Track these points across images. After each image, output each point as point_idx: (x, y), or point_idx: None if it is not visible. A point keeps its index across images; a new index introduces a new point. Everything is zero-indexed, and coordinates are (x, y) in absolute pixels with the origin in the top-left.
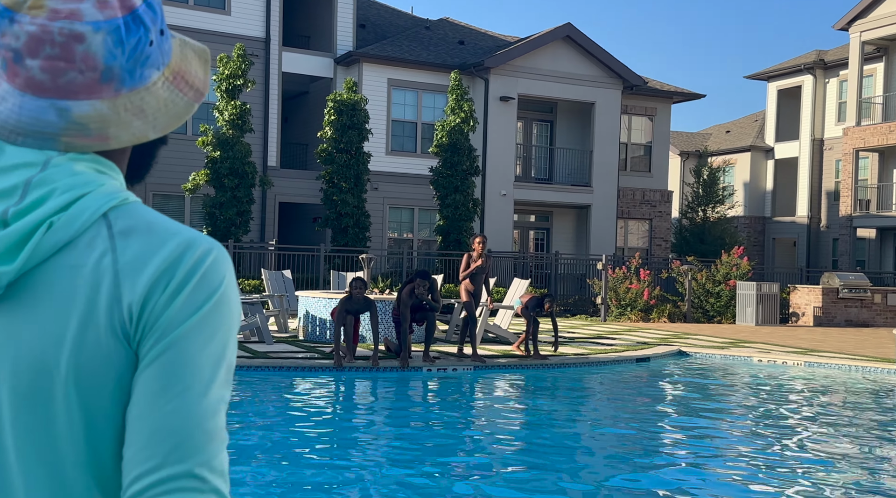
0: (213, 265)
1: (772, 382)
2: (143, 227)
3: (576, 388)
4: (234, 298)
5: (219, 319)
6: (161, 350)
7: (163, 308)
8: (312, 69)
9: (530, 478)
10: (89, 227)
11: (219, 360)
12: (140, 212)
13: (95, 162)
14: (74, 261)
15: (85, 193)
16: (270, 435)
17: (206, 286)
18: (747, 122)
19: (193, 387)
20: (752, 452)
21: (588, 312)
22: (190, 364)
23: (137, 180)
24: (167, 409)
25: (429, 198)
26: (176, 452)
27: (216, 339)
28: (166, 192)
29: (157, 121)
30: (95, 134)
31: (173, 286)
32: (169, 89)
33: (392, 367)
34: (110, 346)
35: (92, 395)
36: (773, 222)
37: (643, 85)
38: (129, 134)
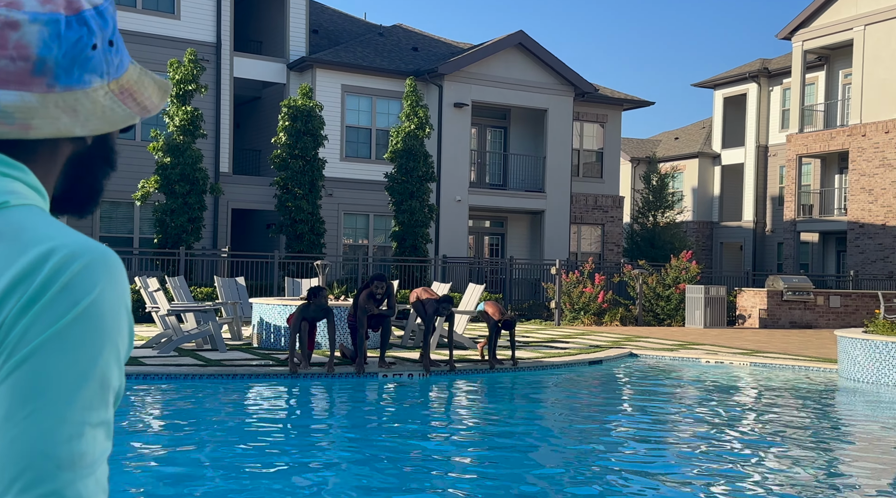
0: (80, 274)
1: (719, 382)
2: (10, 234)
3: (530, 391)
4: (109, 311)
5: (82, 335)
6: (10, 369)
7: (13, 321)
8: (265, 75)
9: (486, 481)
10: None
11: (81, 379)
12: (17, 217)
13: (1, 164)
14: None
15: None
16: (225, 443)
17: (67, 297)
18: (695, 129)
19: (43, 409)
20: (700, 450)
21: (542, 317)
22: (41, 384)
23: (81, 211)
24: (12, 434)
25: (384, 204)
26: (19, 481)
27: (77, 356)
28: (114, 198)
29: (89, 122)
30: (17, 122)
31: (27, 298)
32: (112, 100)
33: (348, 373)
34: None
35: None
36: (720, 227)
37: (594, 92)
38: (54, 127)
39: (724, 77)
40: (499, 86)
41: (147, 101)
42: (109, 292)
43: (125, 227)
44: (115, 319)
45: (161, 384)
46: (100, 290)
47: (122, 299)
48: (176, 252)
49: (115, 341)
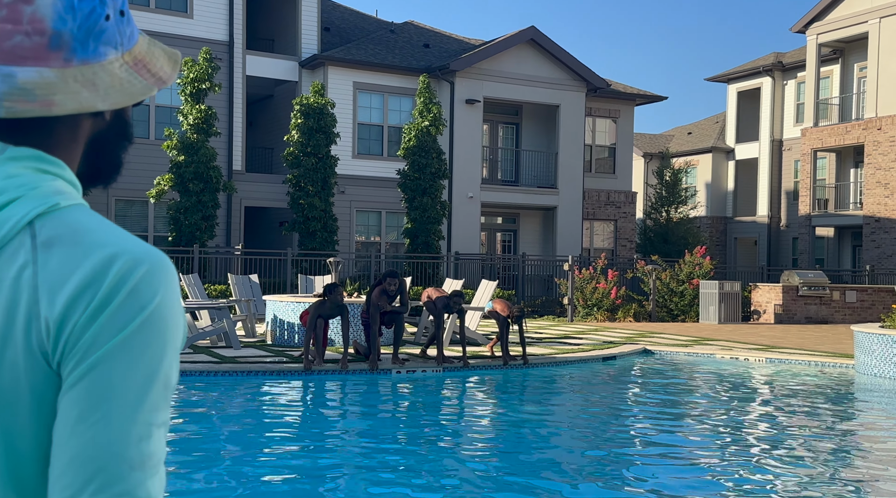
0: (143, 279)
1: (734, 378)
2: (69, 237)
3: (544, 387)
4: (170, 315)
5: (147, 339)
6: (82, 373)
7: (83, 328)
8: (277, 72)
9: (499, 476)
10: (13, 237)
11: (148, 382)
12: (70, 219)
13: (37, 160)
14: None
15: (13, 199)
16: (240, 440)
17: (133, 303)
18: (708, 124)
19: (115, 412)
20: (716, 447)
21: (555, 313)
22: (112, 388)
23: (103, 183)
24: (86, 436)
25: (396, 201)
26: (94, 482)
27: (144, 360)
28: (129, 197)
29: (109, 95)
30: (39, 99)
31: (95, 304)
32: (127, 71)
33: (361, 369)
34: (29, 365)
35: (12, 417)
36: (734, 222)
37: (606, 87)
38: (76, 102)
39: (737, 71)
40: (511, 82)
41: (160, 71)
42: (169, 296)
43: (140, 225)
44: (175, 321)
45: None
46: (161, 294)
47: (178, 301)
48: (190, 250)
49: (175, 342)
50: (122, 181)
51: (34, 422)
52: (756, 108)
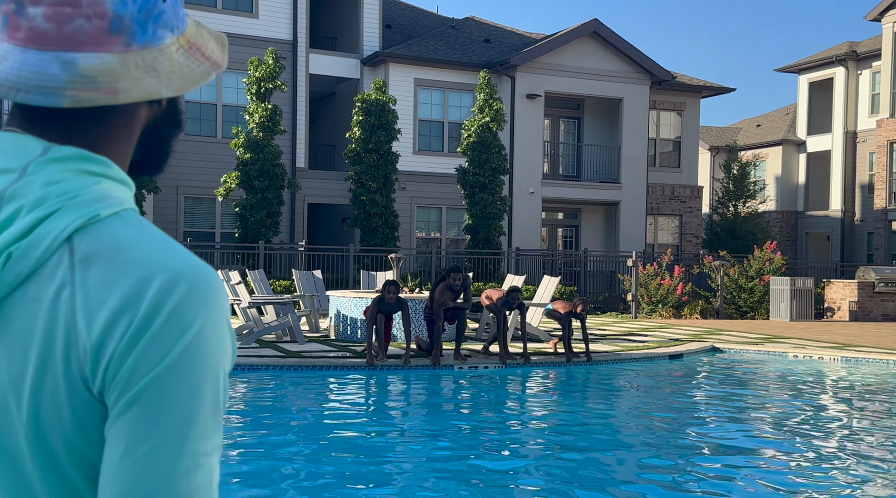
0: (183, 300)
1: (808, 377)
2: (107, 254)
3: (608, 385)
4: (214, 337)
5: (191, 365)
6: (125, 406)
7: (123, 356)
8: (339, 70)
9: (563, 474)
10: (52, 254)
11: (194, 411)
12: (110, 232)
13: (82, 160)
14: (34, 294)
15: (52, 211)
16: (304, 433)
17: (174, 328)
18: (778, 116)
19: (161, 446)
20: (790, 450)
21: (618, 310)
22: (156, 420)
23: (152, 173)
24: (133, 472)
25: (456, 197)
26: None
27: (189, 388)
28: (197, 194)
29: (171, 81)
30: (104, 86)
31: (133, 330)
32: (184, 55)
33: (423, 365)
34: (70, 390)
35: (55, 440)
36: (805, 217)
37: (671, 80)
38: (141, 89)
39: (809, 61)
40: (572, 75)
41: (213, 54)
42: (212, 316)
43: (207, 222)
44: (220, 342)
45: (243, 375)
46: (203, 315)
47: (224, 320)
48: (256, 246)
49: (222, 364)
50: (191, 179)
51: (79, 448)
52: (828, 98)
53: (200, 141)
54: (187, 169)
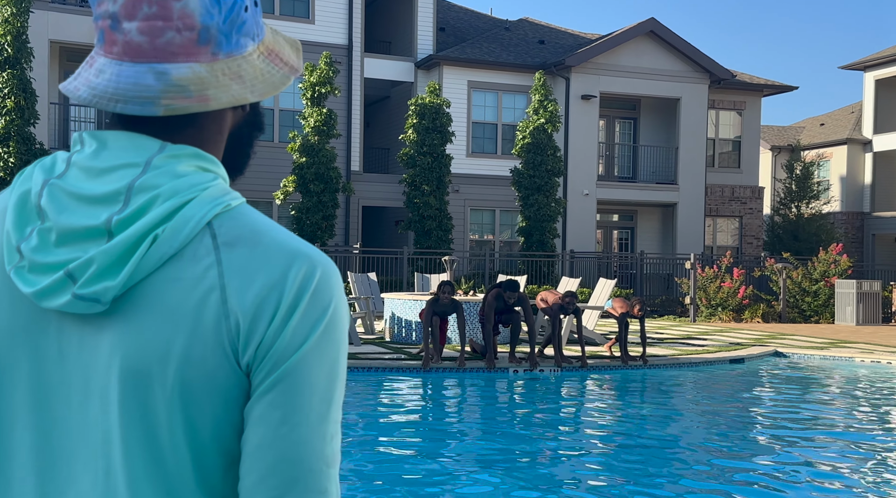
0: (321, 281)
1: (876, 383)
2: (249, 237)
3: (666, 389)
4: (344, 315)
5: (332, 340)
6: (278, 379)
7: (276, 334)
8: (393, 74)
9: (619, 481)
10: (193, 237)
11: (333, 381)
12: (245, 218)
13: (197, 158)
14: (179, 273)
15: (189, 200)
16: (361, 435)
17: (317, 306)
18: (843, 114)
19: (313, 414)
20: (858, 459)
21: (676, 313)
22: (307, 391)
23: (238, 172)
24: (290, 439)
25: (509, 199)
26: (300, 484)
27: (329, 360)
28: (255, 198)
29: (255, 87)
30: (195, 94)
31: (284, 308)
32: (265, 62)
33: (478, 368)
34: (217, 363)
35: (197, 412)
36: (872, 218)
37: (731, 78)
38: (229, 96)
39: (875, 58)
40: (628, 76)
41: (290, 59)
42: (342, 297)
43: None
44: (347, 320)
45: None
46: (336, 296)
47: (346, 301)
48: None
49: (347, 340)
50: (248, 182)
51: (219, 420)
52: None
53: (258, 146)
54: (246, 173)
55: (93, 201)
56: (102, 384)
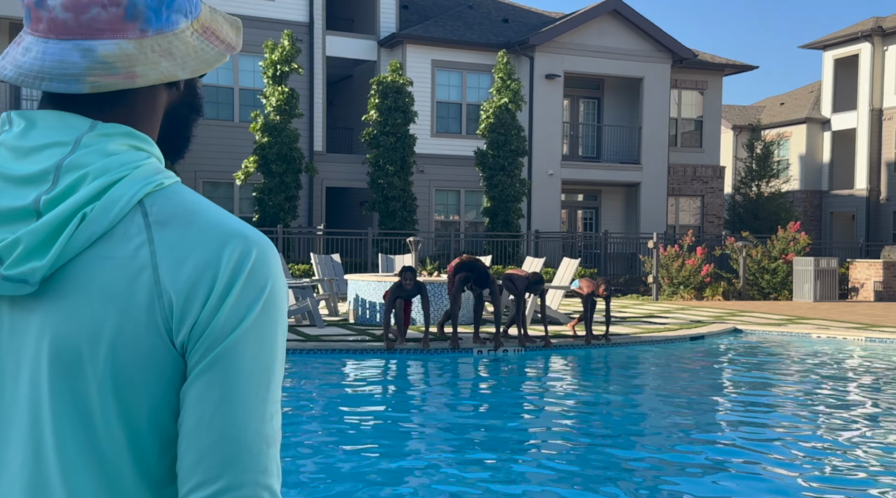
0: (258, 262)
1: (832, 359)
2: (182, 216)
3: (628, 367)
4: (282, 295)
5: (269, 319)
6: (215, 359)
7: (211, 313)
8: (356, 52)
9: (580, 458)
10: (124, 216)
11: (272, 361)
12: (178, 197)
13: (129, 136)
14: (109, 253)
15: (119, 178)
16: (323, 417)
17: (254, 286)
18: (802, 94)
19: (251, 394)
20: (812, 432)
21: (639, 292)
22: (246, 371)
23: (177, 155)
24: (228, 419)
25: (475, 179)
26: (238, 463)
27: (268, 340)
28: (215, 179)
29: (187, 63)
30: (122, 72)
31: (220, 288)
32: (199, 39)
33: (443, 349)
34: (151, 343)
35: (131, 393)
36: (830, 196)
37: (693, 58)
38: (158, 72)
39: (834, 37)
40: (592, 55)
41: (226, 36)
42: (279, 275)
43: (225, 207)
44: (286, 301)
45: None
46: (274, 275)
47: (284, 281)
48: (274, 230)
49: (286, 320)
50: (209, 163)
51: (155, 400)
52: (854, 75)
53: (218, 125)
54: (205, 154)
55: (21, 182)
56: (33, 366)
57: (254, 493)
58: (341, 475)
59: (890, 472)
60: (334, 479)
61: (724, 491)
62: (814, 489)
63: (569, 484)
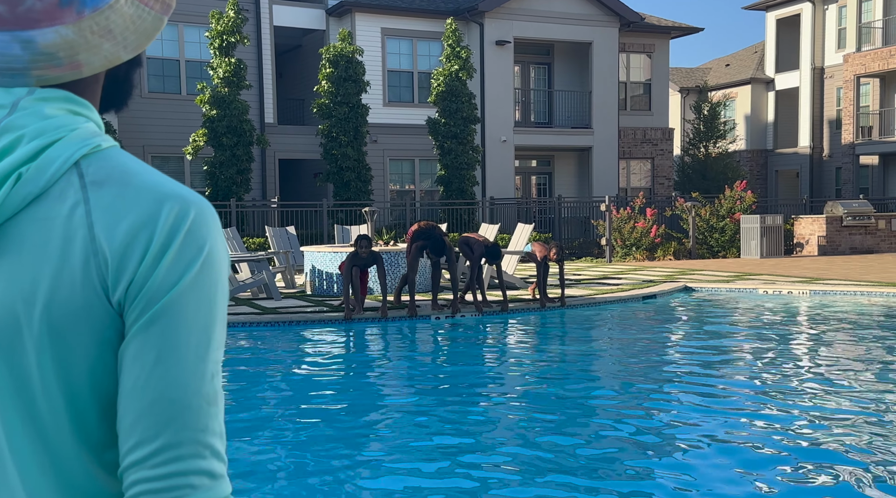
0: (195, 221)
1: (778, 312)
2: (118, 177)
3: (584, 328)
4: (222, 255)
5: (208, 279)
6: (152, 318)
7: (148, 272)
8: (304, 22)
9: (541, 419)
10: (60, 177)
11: (212, 321)
12: (115, 159)
13: (68, 101)
14: (45, 213)
15: (55, 140)
16: (283, 389)
17: (192, 245)
18: (747, 55)
19: (189, 353)
20: (762, 385)
21: (593, 254)
22: (184, 331)
23: (119, 107)
24: (166, 379)
25: (429, 148)
26: (177, 421)
27: (207, 299)
28: (164, 153)
29: (128, 40)
30: (66, 62)
31: (156, 247)
32: (134, 5)
33: (401, 316)
34: (87, 301)
35: (68, 353)
36: (775, 155)
37: (640, 21)
38: (101, 58)
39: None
40: (541, 20)
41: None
42: (220, 237)
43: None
44: (226, 261)
45: None
46: (213, 235)
47: (224, 240)
48: (227, 204)
49: (227, 281)
50: (157, 137)
51: (93, 360)
52: (796, 35)
53: (165, 98)
54: (153, 127)
55: None
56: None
57: (194, 450)
58: (300, 446)
59: (839, 418)
60: (293, 449)
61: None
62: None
63: (532, 448)
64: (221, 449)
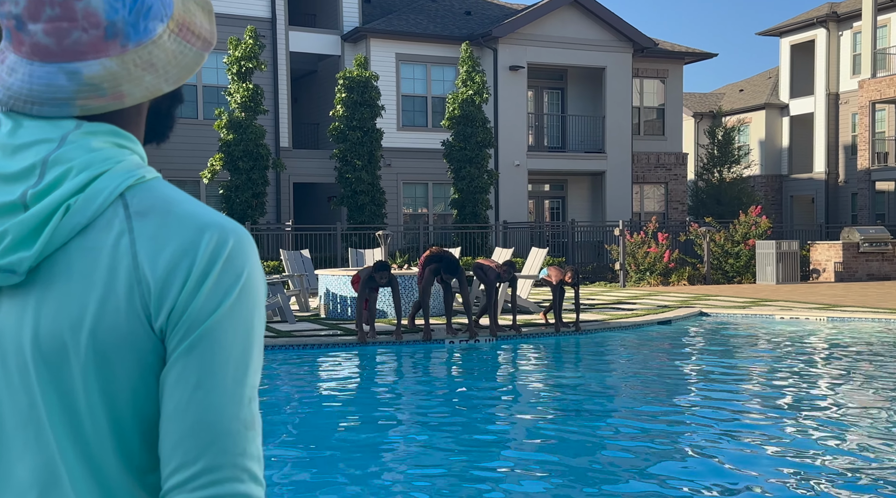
0: (234, 248)
1: (795, 338)
2: (161, 207)
3: (598, 353)
4: (260, 282)
5: (247, 306)
6: (193, 344)
7: (188, 299)
8: (320, 47)
9: (556, 446)
10: (106, 208)
11: (250, 346)
12: (158, 190)
13: (113, 134)
14: (92, 243)
15: (102, 172)
16: (298, 412)
17: (231, 273)
18: (761, 80)
19: (228, 378)
20: (779, 411)
21: (606, 279)
22: (223, 356)
23: (161, 140)
24: (206, 402)
25: (442, 172)
26: (216, 445)
27: (245, 326)
28: (181, 177)
29: (169, 73)
30: (109, 93)
31: (196, 274)
32: (176, 41)
33: (415, 340)
34: (131, 328)
35: (112, 378)
36: (790, 180)
37: (654, 47)
38: (143, 89)
39: (790, 24)
40: (555, 46)
41: (202, 30)
42: (257, 264)
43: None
44: (263, 288)
45: None
46: (251, 263)
47: (261, 269)
48: None
49: (264, 308)
50: (173, 162)
51: (136, 386)
52: (810, 61)
53: (182, 123)
54: (170, 152)
55: (10, 178)
56: (20, 356)
57: (232, 474)
58: (317, 464)
59: (861, 443)
60: (311, 474)
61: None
62: (782, 460)
63: (548, 471)
64: (259, 473)
